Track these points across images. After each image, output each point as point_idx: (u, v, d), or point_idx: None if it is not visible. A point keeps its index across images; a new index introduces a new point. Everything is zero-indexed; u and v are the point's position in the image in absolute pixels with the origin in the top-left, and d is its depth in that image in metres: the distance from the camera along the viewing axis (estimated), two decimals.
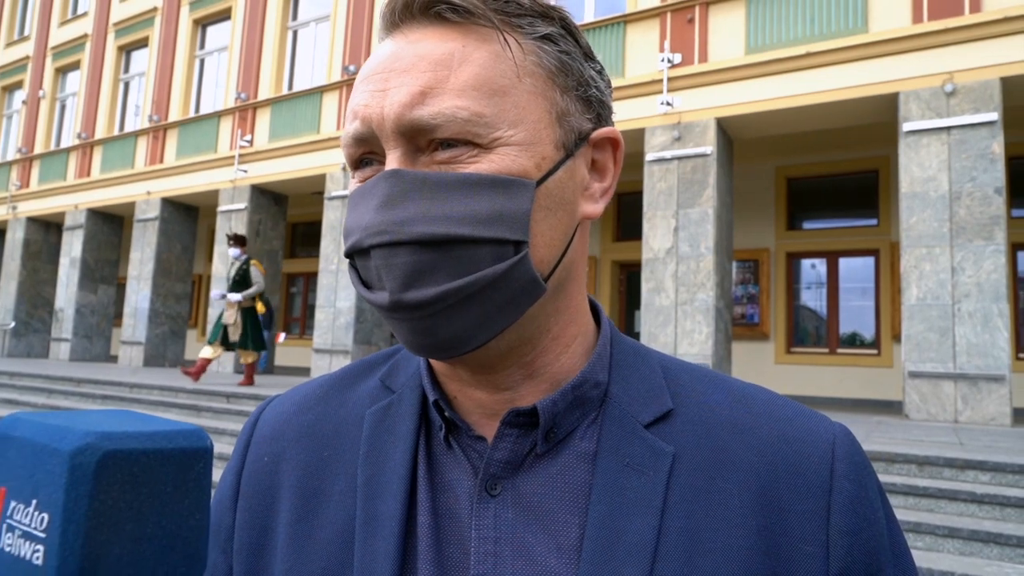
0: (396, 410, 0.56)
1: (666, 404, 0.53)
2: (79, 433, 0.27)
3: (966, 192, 7.53)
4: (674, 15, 9.61)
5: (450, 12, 0.48)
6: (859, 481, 0.51)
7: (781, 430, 0.52)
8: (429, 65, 0.47)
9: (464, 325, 0.47)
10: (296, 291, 18.33)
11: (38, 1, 19.44)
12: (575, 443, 0.52)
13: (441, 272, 0.46)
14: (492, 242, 0.46)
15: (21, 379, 10.69)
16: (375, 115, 0.47)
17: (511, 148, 0.47)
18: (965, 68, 7.75)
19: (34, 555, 0.26)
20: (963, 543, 4.20)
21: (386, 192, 0.46)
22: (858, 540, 0.49)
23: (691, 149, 9.11)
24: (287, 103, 13.52)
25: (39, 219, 17.95)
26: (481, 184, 0.46)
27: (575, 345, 0.54)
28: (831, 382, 11.39)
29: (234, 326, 8.80)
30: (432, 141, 0.47)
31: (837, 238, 11.79)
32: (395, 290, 0.46)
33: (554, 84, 0.50)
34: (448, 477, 0.53)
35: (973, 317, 7.36)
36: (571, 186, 0.51)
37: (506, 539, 0.49)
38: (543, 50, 0.50)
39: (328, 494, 0.54)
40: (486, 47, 0.48)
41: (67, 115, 18.41)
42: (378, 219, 0.46)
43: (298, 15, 14.17)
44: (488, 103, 0.47)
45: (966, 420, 7.31)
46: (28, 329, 17.70)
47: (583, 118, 0.52)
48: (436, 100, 0.46)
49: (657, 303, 9.09)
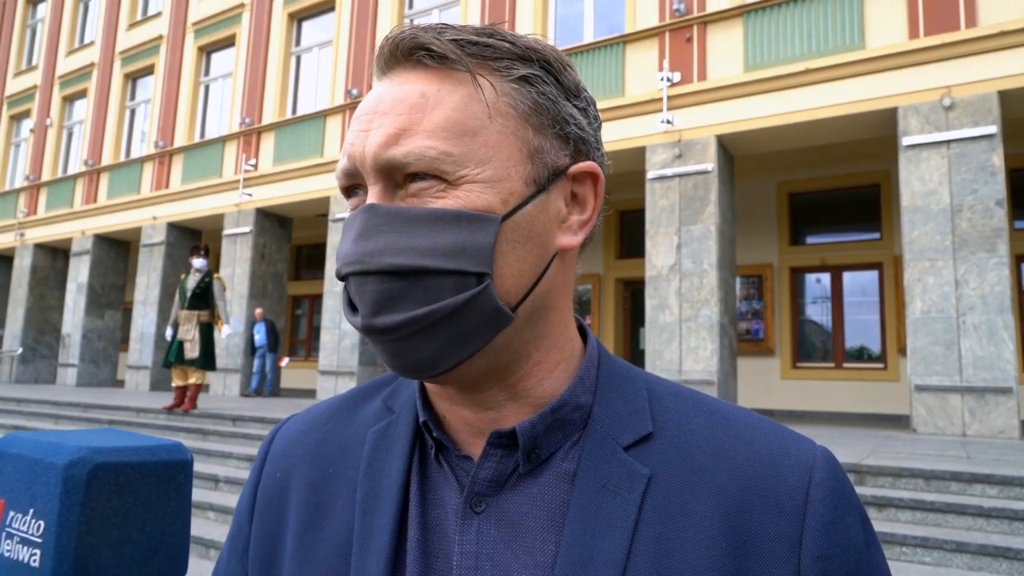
0: (394, 430, 0.59)
1: (646, 427, 0.55)
2: (71, 448, 0.30)
3: (967, 205, 7.54)
4: (673, 34, 9.71)
5: (428, 58, 0.52)
6: (836, 506, 0.51)
7: (758, 453, 0.53)
8: (405, 108, 0.51)
9: (432, 349, 0.50)
10: (301, 313, 18.37)
11: (46, 31, 19.76)
12: (556, 464, 0.54)
13: (408, 300, 0.49)
14: (454, 273, 0.49)
15: (28, 405, 10.72)
16: (358, 153, 0.52)
17: (476, 185, 0.50)
18: (963, 82, 7.80)
19: (31, 558, 0.29)
20: (972, 558, 4.16)
21: (361, 224, 0.50)
22: (831, 565, 0.49)
23: (692, 166, 9.16)
24: (291, 127, 13.66)
25: (46, 245, 18.10)
26: (446, 219, 0.49)
27: (559, 370, 0.56)
28: (838, 397, 11.33)
29: (191, 342, 8.12)
30: (406, 176, 0.51)
31: (840, 252, 11.79)
32: (366, 315, 0.50)
33: (527, 123, 0.53)
34: (438, 494, 0.55)
35: (978, 330, 7.34)
36: (543, 219, 0.53)
37: (487, 555, 0.51)
38: (517, 91, 0.53)
39: (331, 509, 0.57)
40: (460, 90, 0.51)
41: (74, 142, 18.62)
42: (353, 250, 0.50)
43: (301, 41, 14.36)
44: (456, 143, 0.50)
45: (974, 433, 7.26)
46: (35, 355, 17.77)
47: (560, 154, 0.54)
48: (408, 141, 0.50)
49: (661, 320, 9.09)
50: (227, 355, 13.42)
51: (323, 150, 13.06)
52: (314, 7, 14.00)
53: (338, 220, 12.40)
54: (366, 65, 12.79)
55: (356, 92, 12.64)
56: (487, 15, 11.49)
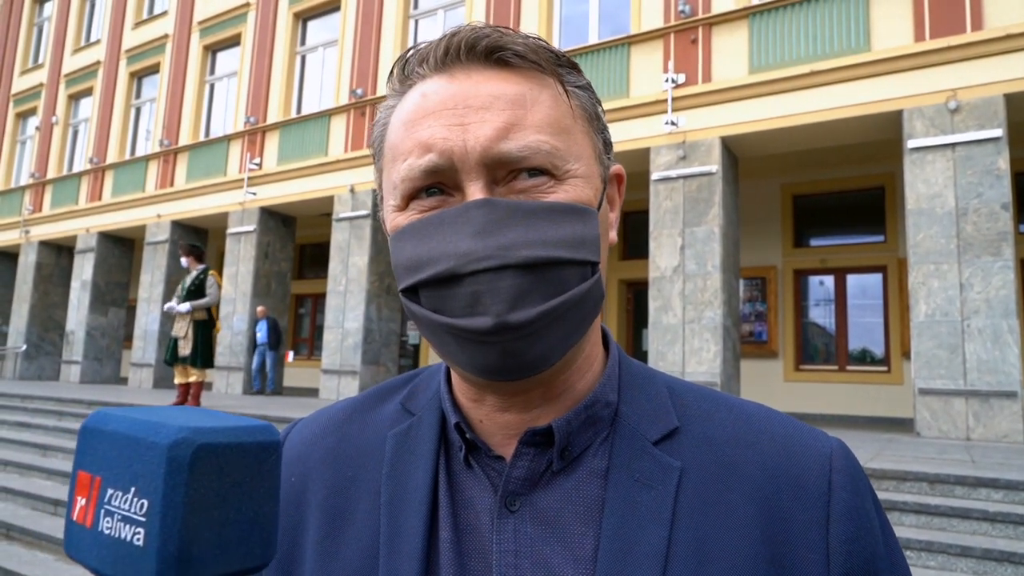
0: (416, 432, 0.59)
1: (672, 422, 0.56)
2: (173, 428, 0.30)
3: (972, 208, 7.53)
4: (678, 36, 9.71)
5: (514, 57, 0.52)
6: (855, 491, 0.54)
7: (782, 444, 0.55)
8: (506, 104, 0.51)
9: (550, 343, 0.51)
10: (304, 312, 18.40)
11: (52, 29, 19.81)
12: (588, 460, 0.55)
13: (538, 293, 0.49)
14: (579, 263, 0.51)
15: (32, 401, 10.75)
16: (457, 148, 0.50)
17: (579, 179, 0.53)
18: (969, 85, 7.79)
19: (135, 537, 0.29)
20: (976, 562, 4.16)
21: (483, 219, 0.49)
22: (856, 547, 0.52)
23: (696, 168, 9.16)
24: (295, 126, 13.68)
25: (51, 243, 18.14)
26: (565, 211, 0.51)
27: (591, 369, 0.58)
28: (841, 399, 11.31)
29: (185, 340, 8.01)
30: (510, 172, 0.51)
31: (844, 255, 11.77)
32: (501, 312, 0.48)
33: (592, 126, 0.57)
34: (468, 494, 0.55)
35: (983, 333, 7.32)
36: (607, 215, 0.59)
37: (526, 552, 0.52)
38: (581, 97, 0.56)
39: (352, 513, 0.57)
40: (547, 91, 0.53)
41: (79, 140, 18.67)
42: (479, 245, 0.48)
43: (306, 40, 14.38)
44: (560, 139, 0.52)
45: (978, 437, 7.25)
46: (39, 352, 17.81)
47: (605, 156, 0.58)
48: (520, 135, 0.51)
49: (664, 322, 9.09)
50: (230, 353, 13.45)
51: (327, 149, 13.07)
52: (319, 7, 14.02)
53: (342, 219, 12.41)
54: (371, 65, 12.80)
55: (361, 92, 12.65)
56: (492, 15, 11.49)
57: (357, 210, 12.28)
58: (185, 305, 7.98)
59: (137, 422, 0.32)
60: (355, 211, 12.32)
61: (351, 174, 12.52)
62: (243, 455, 0.32)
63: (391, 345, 12.37)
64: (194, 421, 0.32)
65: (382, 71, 12.69)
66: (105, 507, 0.31)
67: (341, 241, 12.39)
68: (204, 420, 0.32)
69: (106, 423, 0.33)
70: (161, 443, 0.30)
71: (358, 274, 12.04)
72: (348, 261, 12.22)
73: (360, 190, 12.33)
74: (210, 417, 0.33)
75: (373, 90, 12.67)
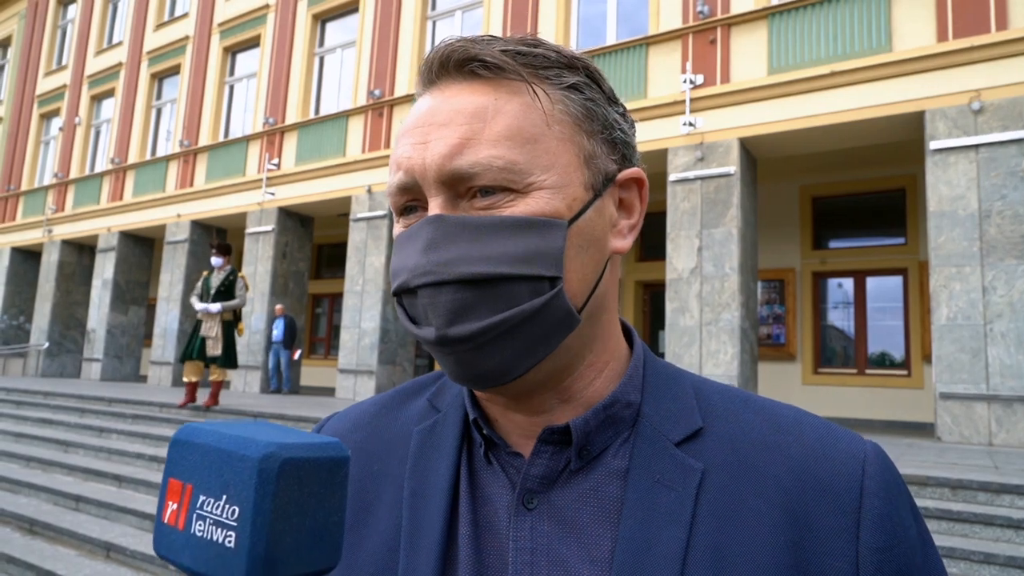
0: (441, 428, 0.60)
1: (696, 423, 0.55)
2: (262, 444, 0.33)
3: (996, 210, 7.43)
4: (696, 36, 9.66)
5: (482, 69, 0.52)
6: (889, 499, 0.52)
7: (811, 448, 0.54)
8: (465, 118, 0.51)
9: (504, 357, 0.51)
10: (321, 312, 18.51)
11: (75, 32, 20.09)
12: (608, 460, 0.54)
13: (483, 308, 0.49)
14: (529, 279, 0.50)
15: (54, 399, 10.90)
16: (417, 166, 0.52)
17: (544, 191, 0.51)
18: (993, 86, 7.68)
19: (226, 539, 0.32)
20: (1000, 569, 4.10)
21: (430, 235, 0.50)
22: (889, 557, 0.50)
23: (714, 169, 9.11)
24: (314, 127, 13.77)
25: (73, 242, 18.39)
26: (516, 226, 0.50)
27: (608, 369, 0.57)
28: (860, 404, 11.20)
29: (215, 340, 8.05)
30: (471, 188, 0.51)
31: (864, 257, 11.65)
32: (441, 326, 0.50)
33: (581, 129, 0.54)
34: (488, 491, 0.56)
35: (1006, 337, 7.22)
36: (600, 224, 0.55)
37: (542, 550, 0.52)
38: (569, 98, 0.54)
39: (377, 505, 0.58)
40: (517, 99, 0.52)
41: (101, 141, 18.92)
42: (423, 261, 0.50)
43: (325, 42, 14.47)
44: (521, 151, 0.51)
45: (1000, 443, 7.14)
46: (61, 349, 18.07)
47: (608, 159, 0.56)
48: (473, 151, 0.50)
49: (682, 323, 9.05)
50: (248, 352, 13.56)
51: (345, 150, 13.15)
52: (338, 8, 14.11)
53: (359, 220, 12.48)
54: (389, 66, 12.86)
55: (379, 93, 12.72)
56: (510, 16, 11.50)
57: (374, 210, 12.34)
58: (216, 306, 8.01)
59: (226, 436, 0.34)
60: (372, 211, 12.37)
61: (368, 175, 12.58)
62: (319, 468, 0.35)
63: (407, 345, 12.41)
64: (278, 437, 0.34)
65: (400, 72, 12.74)
66: (197, 512, 0.34)
67: (358, 241, 12.46)
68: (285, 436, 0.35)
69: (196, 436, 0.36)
70: (252, 456, 0.32)
71: (375, 274, 12.10)
72: (365, 261, 12.28)
73: (377, 191, 12.38)
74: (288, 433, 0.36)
75: (391, 91, 12.72)
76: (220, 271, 8.24)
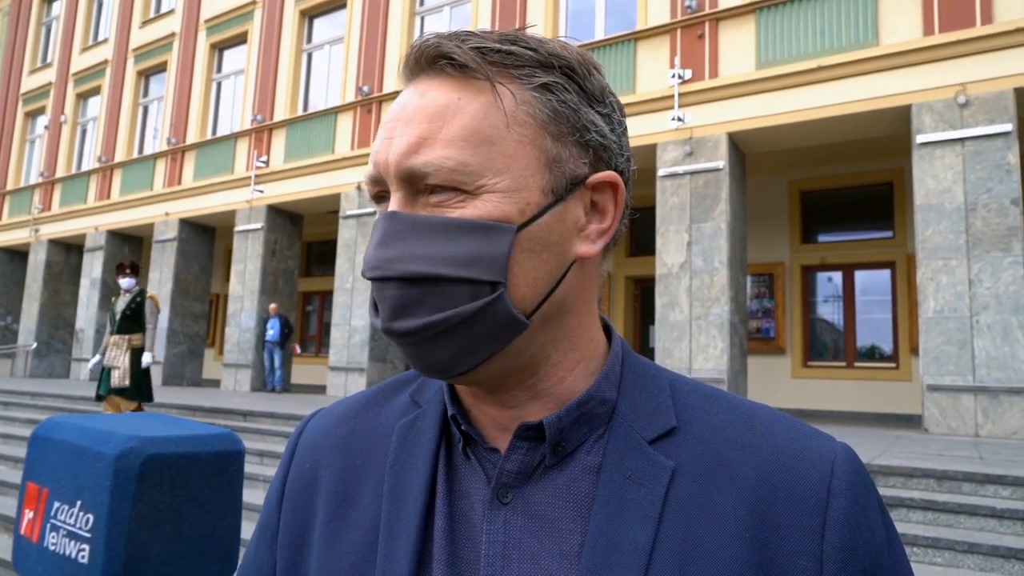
0: (421, 423, 0.61)
1: (670, 422, 0.56)
2: (121, 437, 0.28)
3: (982, 203, 7.48)
4: (684, 31, 9.67)
5: (450, 67, 0.52)
6: (857, 499, 0.52)
7: (782, 448, 0.54)
8: (426, 116, 0.52)
9: (447, 354, 0.52)
10: (312, 309, 18.47)
11: (60, 28, 19.92)
12: (582, 457, 0.55)
13: (424, 306, 0.51)
14: (468, 282, 0.50)
15: (43, 399, 10.83)
16: (382, 160, 0.53)
17: (495, 195, 0.51)
18: (978, 79, 7.73)
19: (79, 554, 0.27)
20: (983, 559, 4.13)
21: (383, 231, 0.52)
22: (854, 556, 0.51)
23: (703, 164, 9.13)
24: (302, 124, 13.71)
25: (60, 241, 18.26)
26: (462, 228, 0.50)
27: (578, 368, 0.57)
28: (849, 396, 11.27)
29: (121, 370, 6.98)
30: (428, 186, 0.52)
31: (852, 251, 11.72)
32: (385, 319, 0.52)
33: (545, 132, 0.53)
34: (464, 485, 0.57)
35: (992, 329, 7.28)
36: (560, 229, 0.54)
37: (514, 543, 0.53)
38: (537, 99, 0.53)
39: (358, 499, 0.59)
40: (480, 99, 0.52)
41: (88, 139, 18.77)
42: (375, 255, 0.52)
43: (313, 38, 14.40)
44: (474, 152, 0.51)
45: (987, 434, 7.21)
46: (49, 349, 17.94)
47: (579, 162, 0.54)
48: (428, 150, 0.51)
49: (671, 318, 9.07)
50: (238, 351, 13.52)
51: (334, 147, 13.10)
52: (326, 4, 14.04)
53: (349, 217, 12.44)
54: (377, 62, 12.81)
55: (367, 89, 12.67)
56: (498, 12, 11.47)
57: (364, 207, 12.30)
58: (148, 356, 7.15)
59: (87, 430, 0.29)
60: (361, 208, 12.34)
61: (358, 171, 12.54)
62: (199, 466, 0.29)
63: None
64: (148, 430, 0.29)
65: (388, 68, 12.70)
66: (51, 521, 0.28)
67: (348, 238, 12.42)
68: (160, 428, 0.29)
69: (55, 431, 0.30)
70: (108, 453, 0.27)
71: None
72: (355, 259, 12.25)
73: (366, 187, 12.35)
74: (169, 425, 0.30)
75: (379, 87, 12.68)
76: (127, 293, 7.24)
